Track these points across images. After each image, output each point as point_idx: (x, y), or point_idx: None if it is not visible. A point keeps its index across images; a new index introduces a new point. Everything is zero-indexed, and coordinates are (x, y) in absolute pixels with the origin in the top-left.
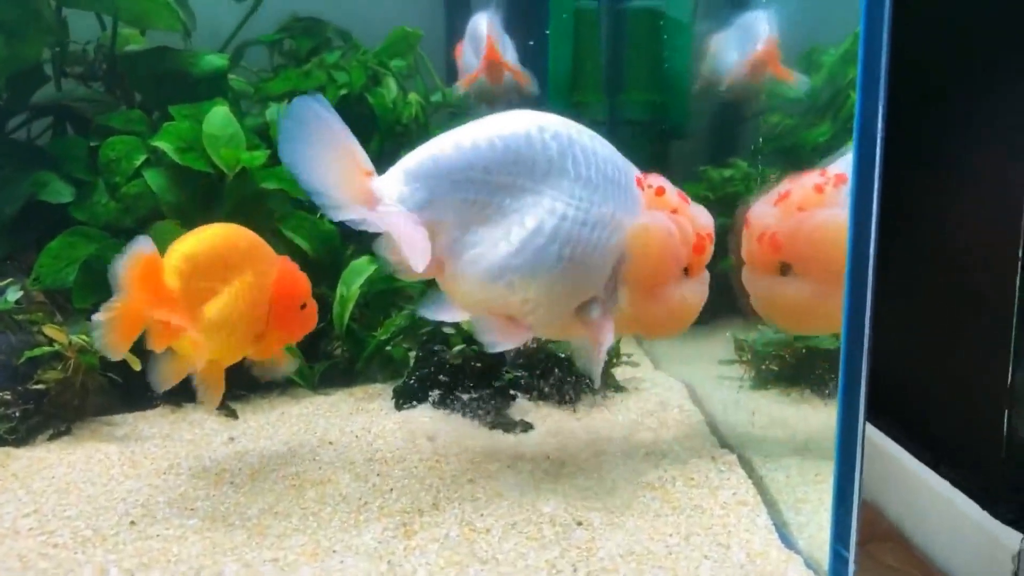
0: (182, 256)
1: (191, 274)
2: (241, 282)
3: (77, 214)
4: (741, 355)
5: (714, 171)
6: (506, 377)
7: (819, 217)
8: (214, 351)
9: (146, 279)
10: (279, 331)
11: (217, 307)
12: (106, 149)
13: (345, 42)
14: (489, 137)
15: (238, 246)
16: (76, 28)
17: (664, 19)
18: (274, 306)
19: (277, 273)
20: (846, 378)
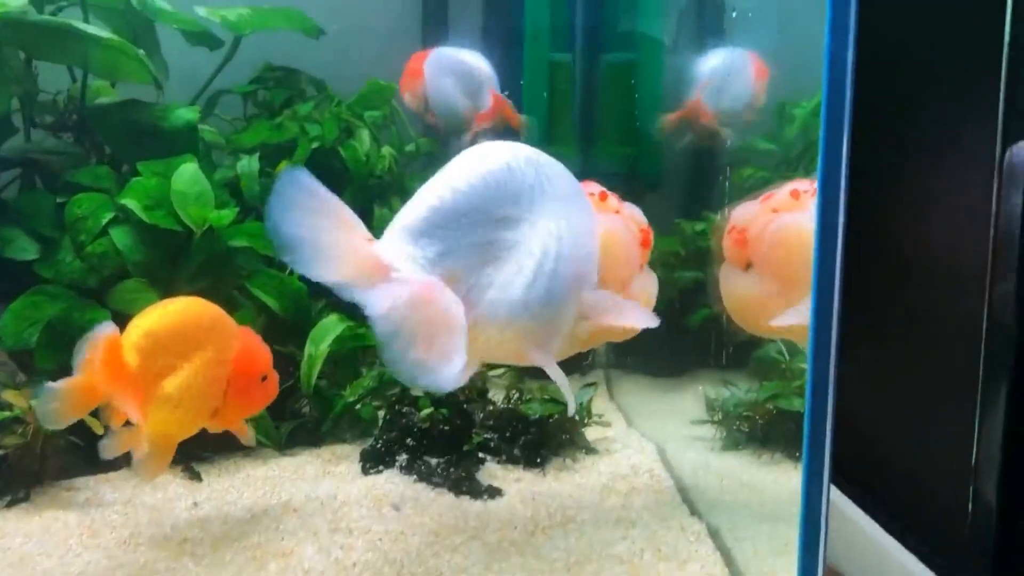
0: (142, 332)
1: (151, 351)
2: (201, 358)
3: (42, 271)
4: (712, 415)
5: (687, 224)
6: (474, 440)
7: (783, 219)
8: (168, 426)
9: (107, 361)
10: (238, 404)
11: (175, 383)
12: (73, 207)
13: (319, 92)
14: (478, 175)
15: (200, 322)
16: (46, 77)
17: (637, 72)
18: (234, 380)
19: (238, 347)
20: (810, 443)
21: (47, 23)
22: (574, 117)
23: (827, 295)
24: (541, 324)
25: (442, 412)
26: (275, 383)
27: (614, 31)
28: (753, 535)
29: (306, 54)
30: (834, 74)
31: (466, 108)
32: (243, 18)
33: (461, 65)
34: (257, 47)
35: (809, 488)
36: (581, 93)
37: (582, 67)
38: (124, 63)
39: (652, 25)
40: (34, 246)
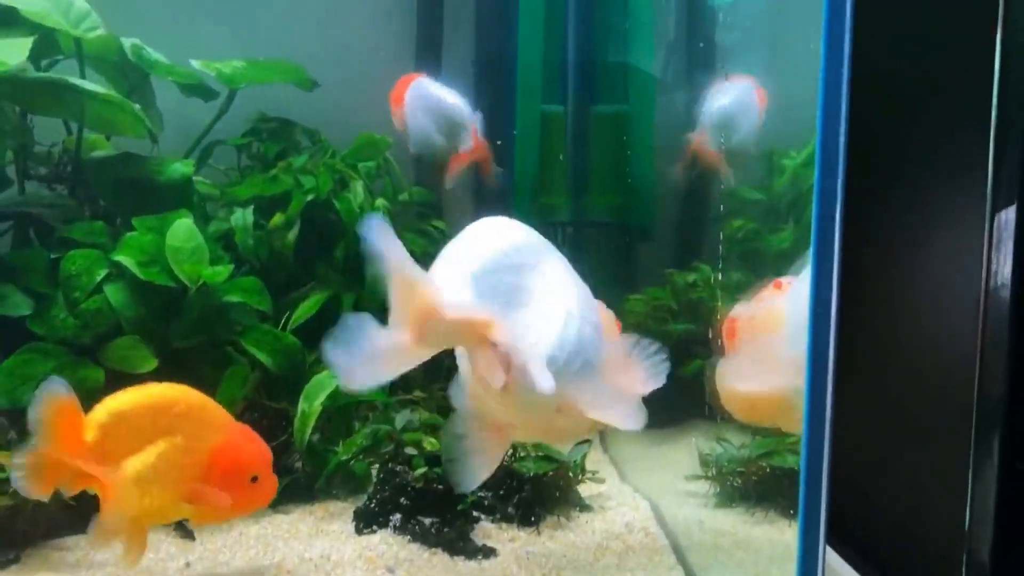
0: (108, 410)
1: (113, 430)
2: (169, 443)
3: (35, 328)
4: (706, 471)
5: (678, 275)
6: (468, 499)
7: (760, 304)
8: (132, 508)
9: (62, 427)
10: (220, 501)
11: (135, 465)
12: (67, 263)
13: (313, 142)
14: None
15: (173, 408)
16: (40, 128)
17: (628, 123)
18: (213, 475)
19: (220, 440)
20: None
21: (44, 80)
22: (565, 167)
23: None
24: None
25: (436, 471)
26: (271, 486)
27: (605, 82)
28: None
29: (298, 101)
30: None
31: (442, 145)
32: (238, 71)
33: (440, 103)
34: (250, 95)
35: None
36: (572, 144)
37: (573, 118)
38: (120, 118)
39: (643, 76)
40: (27, 302)
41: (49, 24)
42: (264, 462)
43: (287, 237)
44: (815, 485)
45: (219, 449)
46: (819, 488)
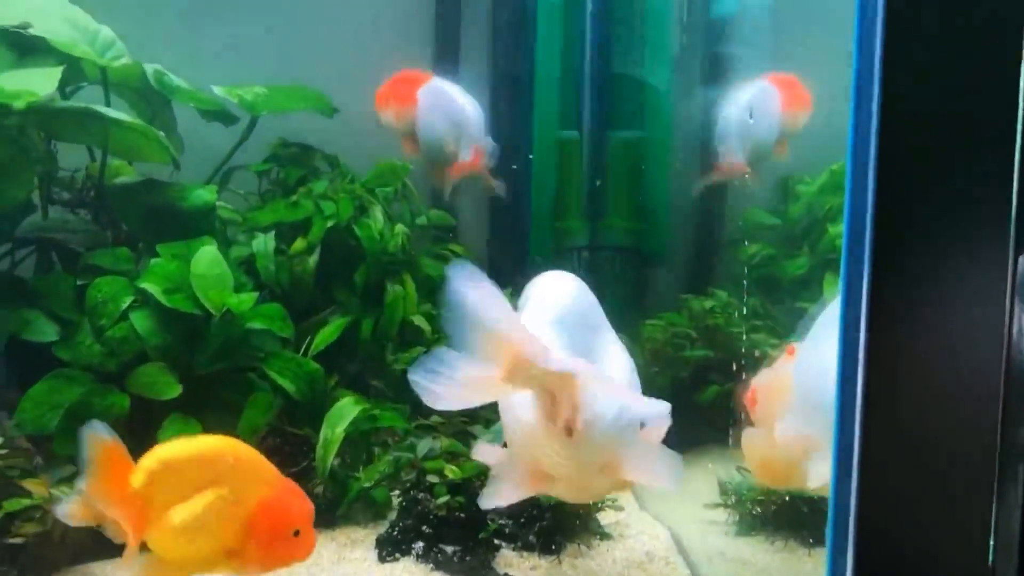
0: (156, 457)
1: (160, 477)
2: (215, 494)
3: (61, 353)
4: (725, 499)
5: (695, 301)
6: (490, 527)
7: (774, 372)
8: (175, 555)
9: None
10: (262, 554)
11: (181, 514)
12: (93, 291)
13: (332, 168)
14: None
15: (221, 460)
16: (63, 154)
17: (645, 148)
18: (256, 527)
19: (267, 494)
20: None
21: (71, 108)
22: (582, 192)
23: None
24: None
25: (458, 500)
26: (311, 541)
27: (622, 108)
28: None
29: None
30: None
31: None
32: (260, 98)
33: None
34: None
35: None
36: (588, 169)
37: (590, 144)
38: (144, 144)
39: (659, 101)
40: (53, 328)
41: (77, 54)
42: (307, 517)
43: (308, 262)
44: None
45: (265, 503)
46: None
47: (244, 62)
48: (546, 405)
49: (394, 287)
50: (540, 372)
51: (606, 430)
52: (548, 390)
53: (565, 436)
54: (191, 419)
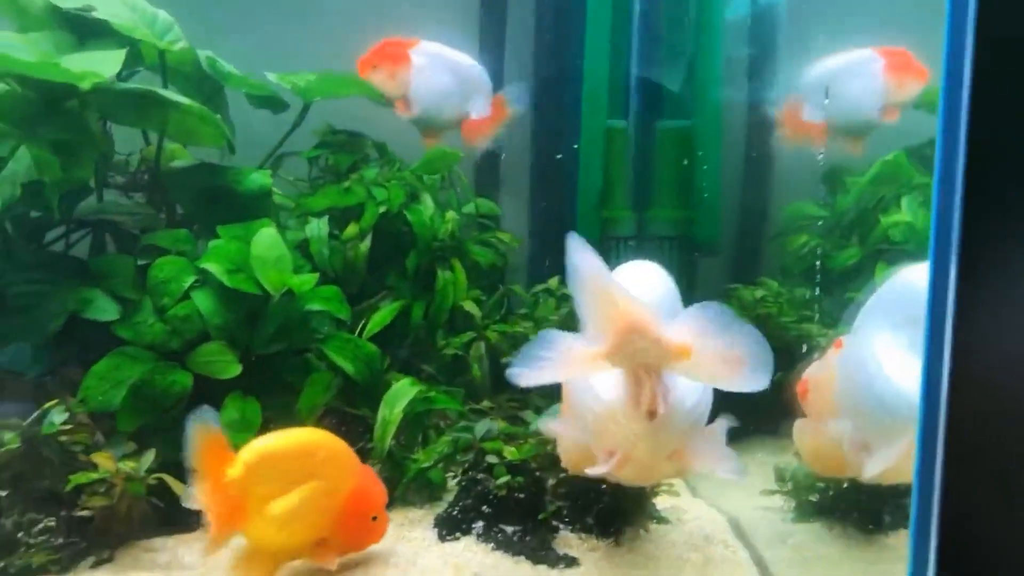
0: (256, 451)
1: (261, 470)
2: (313, 487)
3: (122, 332)
4: (781, 486)
5: (745, 290)
6: (549, 509)
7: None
8: (271, 546)
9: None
10: (347, 540)
11: (282, 506)
12: (155, 270)
13: (381, 155)
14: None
15: (315, 454)
16: (117, 137)
17: (694, 137)
18: (345, 516)
19: (354, 484)
20: (917, 527)
21: (132, 90)
22: (629, 181)
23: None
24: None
25: (518, 480)
26: (385, 524)
27: (671, 97)
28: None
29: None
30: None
31: (455, 112)
32: (312, 84)
33: (458, 65)
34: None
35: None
36: (636, 158)
37: (637, 133)
38: (202, 128)
39: (709, 90)
40: (114, 307)
41: (137, 36)
42: (383, 503)
43: (360, 248)
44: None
45: (352, 492)
46: (929, 516)
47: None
48: (631, 387)
49: (444, 273)
50: (649, 347)
51: (685, 416)
52: (637, 372)
53: (647, 419)
54: (250, 399)
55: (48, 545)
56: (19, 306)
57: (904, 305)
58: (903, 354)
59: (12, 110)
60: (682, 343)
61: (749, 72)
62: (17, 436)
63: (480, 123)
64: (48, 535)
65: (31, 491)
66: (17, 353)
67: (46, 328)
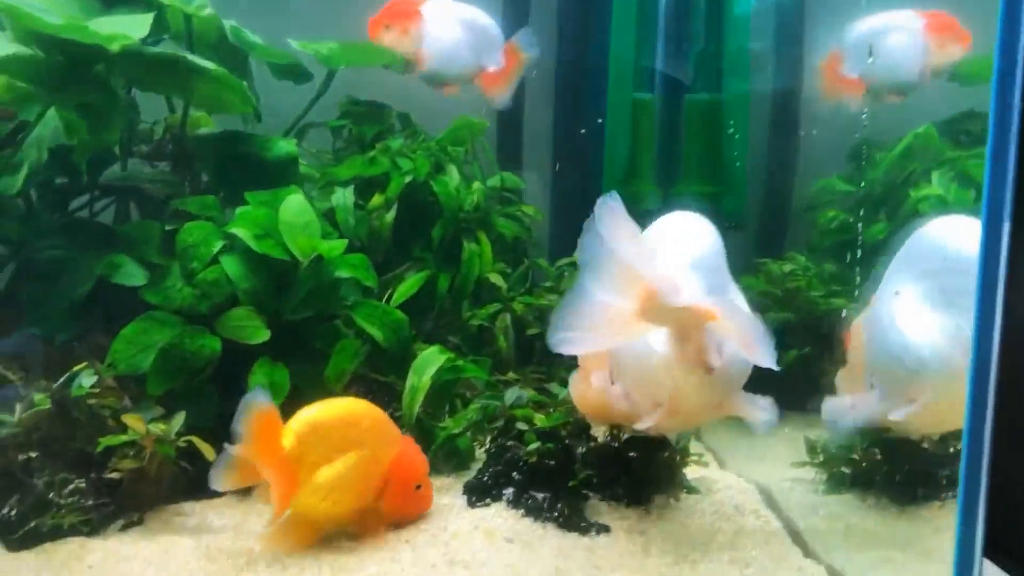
0: (305, 421)
1: (310, 440)
2: (358, 456)
3: (150, 297)
4: (813, 457)
5: (773, 264)
6: (579, 476)
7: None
8: (316, 514)
9: (263, 435)
10: (390, 510)
11: (329, 474)
12: (184, 234)
13: (404, 126)
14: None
15: (360, 423)
16: (140, 108)
17: (722, 110)
18: (389, 485)
19: (397, 454)
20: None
21: (159, 55)
22: (655, 155)
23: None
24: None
25: (548, 447)
26: (429, 494)
27: (699, 70)
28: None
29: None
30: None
31: (469, 66)
32: (335, 52)
33: (469, 20)
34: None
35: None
36: (663, 132)
37: (664, 106)
38: (227, 96)
39: (738, 63)
40: (142, 272)
41: (164, 1)
42: (425, 471)
43: (385, 217)
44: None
45: (395, 461)
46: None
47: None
48: (681, 343)
49: (470, 244)
50: (679, 310)
51: (740, 368)
52: (683, 329)
53: (704, 373)
54: (279, 364)
55: (78, 506)
56: (46, 272)
57: (923, 258)
58: (919, 306)
59: (38, 74)
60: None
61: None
62: (47, 397)
63: (497, 75)
64: (78, 496)
65: (61, 453)
66: (45, 319)
67: (73, 293)
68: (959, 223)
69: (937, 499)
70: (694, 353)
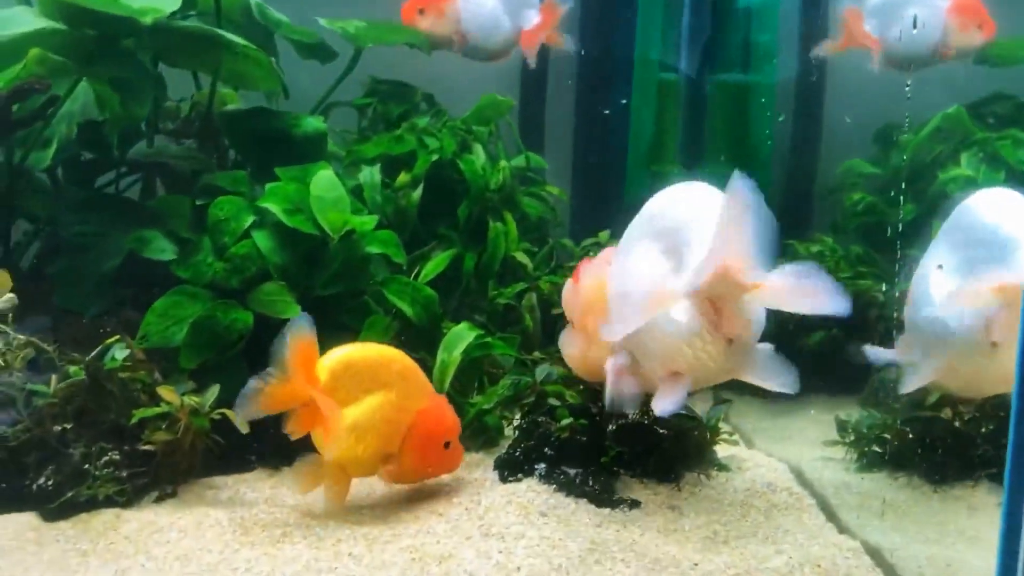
0: (337, 357)
1: (341, 375)
2: (385, 398)
3: (180, 272)
4: (844, 436)
5: (800, 245)
6: (610, 453)
7: None
8: (343, 454)
9: (301, 361)
10: (415, 460)
11: (355, 413)
12: (215, 209)
13: (429, 106)
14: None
15: (391, 366)
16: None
17: (747, 91)
18: (412, 433)
19: (425, 404)
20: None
21: (189, 29)
22: (679, 136)
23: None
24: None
25: (580, 422)
26: (459, 454)
27: (725, 51)
28: (915, 556)
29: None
30: None
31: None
32: (361, 31)
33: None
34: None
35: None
36: (687, 112)
37: (689, 87)
38: (255, 72)
39: (765, 46)
40: (172, 247)
41: None
42: (456, 430)
43: (412, 196)
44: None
45: (424, 411)
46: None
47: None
48: (710, 314)
49: (496, 223)
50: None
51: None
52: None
53: (726, 343)
54: None
55: (113, 477)
56: (76, 246)
57: (963, 228)
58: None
59: (71, 47)
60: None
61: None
62: (82, 368)
63: (535, 31)
64: (112, 468)
65: (95, 424)
66: (75, 293)
67: (103, 268)
68: (999, 196)
69: (970, 479)
70: (724, 324)
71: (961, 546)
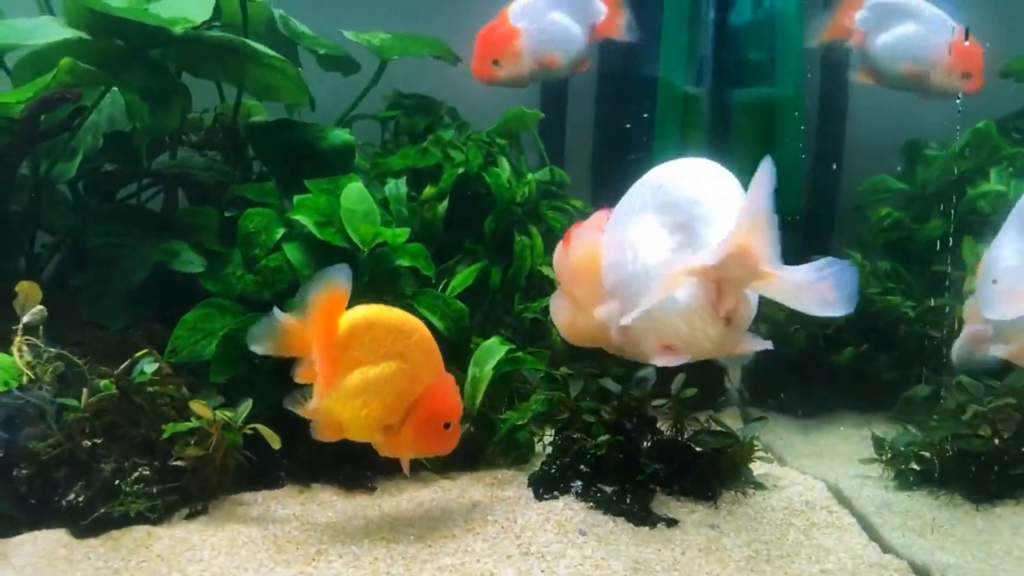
0: (361, 316)
1: (362, 333)
2: (395, 366)
3: (209, 285)
4: (881, 453)
5: None
6: (646, 470)
7: None
8: (343, 415)
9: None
10: (413, 436)
11: (366, 374)
12: (246, 220)
13: (453, 119)
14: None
15: (411, 336)
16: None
17: (773, 105)
18: (417, 407)
19: (433, 382)
20: None
21: (219, 40)
22: (704, 149)
23: None
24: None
25: (618, 439)
26: (456, 435)
27: (750, 65)
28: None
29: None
30: None
31: (582, 38)
32: (387, 43)
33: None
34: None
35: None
36: (712, 126)
37: (713, 100)
38: (281, 83)
39: (790, 59)
40: (200, 259)
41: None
42: (459, 413)
43: (438, 209)
44: None
45: (431, 388)
46: None
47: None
48: (712, 296)
49: (521, 237)
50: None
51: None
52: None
53: (723, 324)
54: None
55: (143, 493)
56: (102, 258)
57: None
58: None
59: (100, 56)
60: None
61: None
62: (112, 383)
63: (606, 21)
64: (143, 484)
65: (125, 439)
66: (101, 306)
67: (130, 280)
68: None
69: (1012, 497)
70: (724, 305)
71: (1009, 565)
